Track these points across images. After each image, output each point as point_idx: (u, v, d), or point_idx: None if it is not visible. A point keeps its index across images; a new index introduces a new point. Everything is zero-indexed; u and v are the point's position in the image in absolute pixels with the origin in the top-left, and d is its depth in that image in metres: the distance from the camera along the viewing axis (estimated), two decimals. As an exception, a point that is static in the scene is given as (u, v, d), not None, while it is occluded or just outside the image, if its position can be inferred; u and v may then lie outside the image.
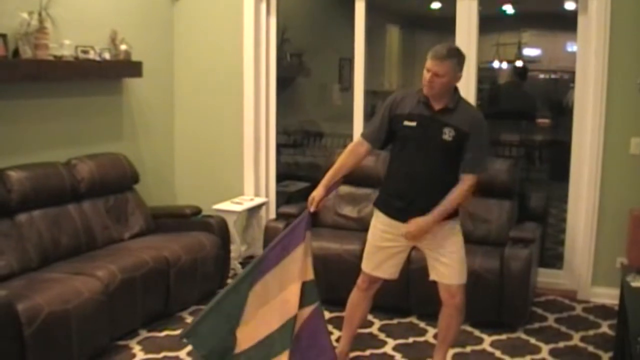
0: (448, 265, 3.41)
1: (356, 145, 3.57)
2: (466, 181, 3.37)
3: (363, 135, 3.56)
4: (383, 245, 3.53)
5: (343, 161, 3.55)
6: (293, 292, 3.41)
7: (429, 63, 3.28)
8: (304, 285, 3.43)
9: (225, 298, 3.39)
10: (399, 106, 3.43)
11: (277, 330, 3.38)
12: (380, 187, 3.66)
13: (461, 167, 3.37)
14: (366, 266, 3.61)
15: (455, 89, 3.39)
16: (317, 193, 3.50)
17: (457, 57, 3.32)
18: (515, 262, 4.23)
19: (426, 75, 3.28)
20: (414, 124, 3.36)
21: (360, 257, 3.68)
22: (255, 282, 3.38)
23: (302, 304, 3.42)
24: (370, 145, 3.52)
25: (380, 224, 3.54)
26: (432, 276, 3.50)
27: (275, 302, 3.41)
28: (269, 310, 3.40)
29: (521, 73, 8.59)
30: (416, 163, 3.38)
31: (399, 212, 3.43)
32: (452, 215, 3.43)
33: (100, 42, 4.90)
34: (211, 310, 3.38)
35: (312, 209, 3.49)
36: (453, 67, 3.28)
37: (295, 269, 3.42)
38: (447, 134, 3.31)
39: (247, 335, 3.38)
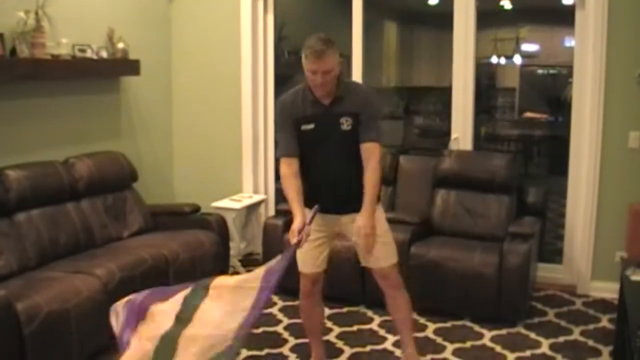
0: (376, 250, 3.34)
1: (288, 167, 3.34)
2: (372, 152, 3.27)
3: (285, 155, 3.36)
4: (312, 238, 3.33)
5: (293, 187, 3.30)
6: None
7: (313, 65, 3.17)
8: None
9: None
10: (293, 111, 3.35)
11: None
12: (304, 194, 3.36)
13: (360, 139, 3.29)
14: (303, 267, 3.48)
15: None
16: (297, 224, 3.18)
17: (332, 43, 3.22)
18: (515, 257, 4.23)
19: (315, 77, 3.18)
20: (312, 125, 3.31)
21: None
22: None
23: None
24: (296, 158, 3.36)
25: (314, 224, 3.31)
26: (363, 263, 3.47)
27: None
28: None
29: None
30: (327, 159, 3.33)
31: (334, 207, 3.36)
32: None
33: (98, 40, 4.90)
34: None
35: (301, 245, 3.16)
36: (335, 56, 3.21)
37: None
38: (345, 124, 3.28)
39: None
